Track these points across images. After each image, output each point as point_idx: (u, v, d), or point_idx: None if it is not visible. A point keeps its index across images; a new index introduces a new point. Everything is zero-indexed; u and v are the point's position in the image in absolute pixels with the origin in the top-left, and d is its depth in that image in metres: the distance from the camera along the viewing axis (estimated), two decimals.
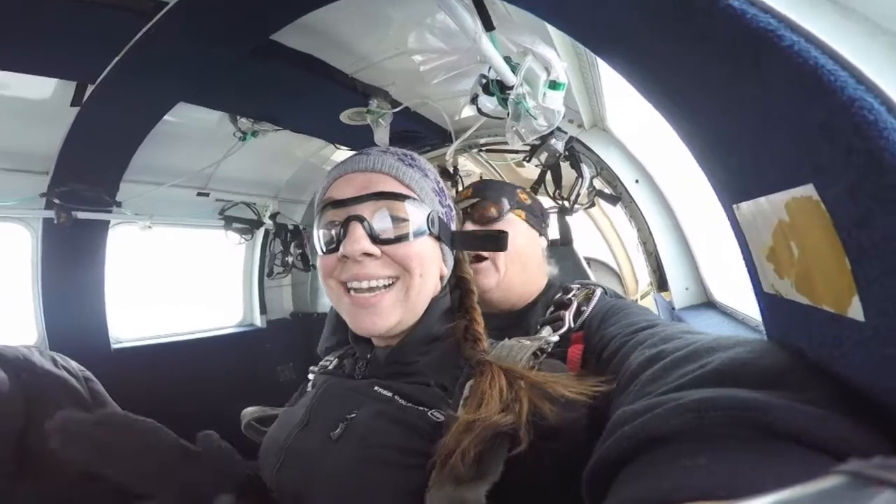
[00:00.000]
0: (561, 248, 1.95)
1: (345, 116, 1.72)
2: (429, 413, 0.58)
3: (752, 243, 0.47)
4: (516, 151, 2.04)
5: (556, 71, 1.08)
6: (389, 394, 0.62)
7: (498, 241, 0.72)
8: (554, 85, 1.12)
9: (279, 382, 2.49)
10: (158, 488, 0.61)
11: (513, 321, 0.99)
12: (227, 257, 2.58)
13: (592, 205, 1.96)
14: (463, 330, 0.68)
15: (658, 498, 0.30)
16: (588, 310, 0.87)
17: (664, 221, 1.64)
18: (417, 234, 0.65)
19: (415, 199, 0.66)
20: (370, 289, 0.64)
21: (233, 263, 2.59)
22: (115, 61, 1.18)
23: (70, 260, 1.80)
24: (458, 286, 0.74)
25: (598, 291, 0.93)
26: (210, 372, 2.22)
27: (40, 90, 1.38)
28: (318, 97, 1.57)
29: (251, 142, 1.88)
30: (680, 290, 1.60)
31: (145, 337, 2.18)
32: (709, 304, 1.55)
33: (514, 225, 1.00)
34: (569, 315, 0.87)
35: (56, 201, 1.66)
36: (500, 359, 0.62)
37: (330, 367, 0.78)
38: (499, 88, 1.23)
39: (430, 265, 0.66)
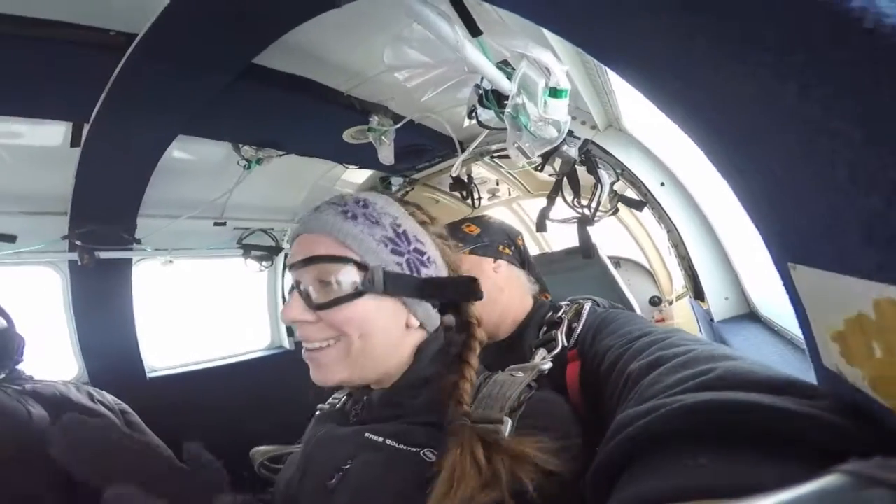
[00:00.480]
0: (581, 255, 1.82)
1: (347, 136, 1.68)
2: (421, 453, 0.57)
3: (814, 317, 0.40)
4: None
5: (555, 76, 0.97)
6: (380, 439, 0.61)
7: (468, 289, 0.68)
8: (555, 92, 1.02)
9: (310, 402, 2.46)
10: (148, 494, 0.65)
11: (507, 348, 0.96)
12: (251, 283, 2.61)
13: (616, 211, 1.82)
14: (451, 386, 0.63)
15: (658, 497, 0.30)
16: (580, 326, 0.86)
17: (696, 227, 1.49)
18: (353, 295, 0.62)
19: (350, 259, 0.62)
20: (313, 349, 0.65)
21: (257, 288, 2.62)
22: (101, 98, 1.18)
23: (99, 298, 1.86)
24: (464, 329, 0.71)
25: (588, 305, 0.91)
26: (243, 394, 2.24)
27: (51, 135, 1.43)
28: (316, 118, 1.54)
29: (260, 168, 1.88)
30: (718, 300, 1.45)
31: (179, 365, 2.23)
32: (752, 315, 1.38)
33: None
34: (560, 334, 0.85)
35: (77, 243, 1.70)
36: (491, 398, 0.60)
37: (337, 406, 0.79)
38: (495, 99, 1.15)
39: (372, 325, 0.63)
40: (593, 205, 1.66)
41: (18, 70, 1.04)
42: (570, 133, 1.49)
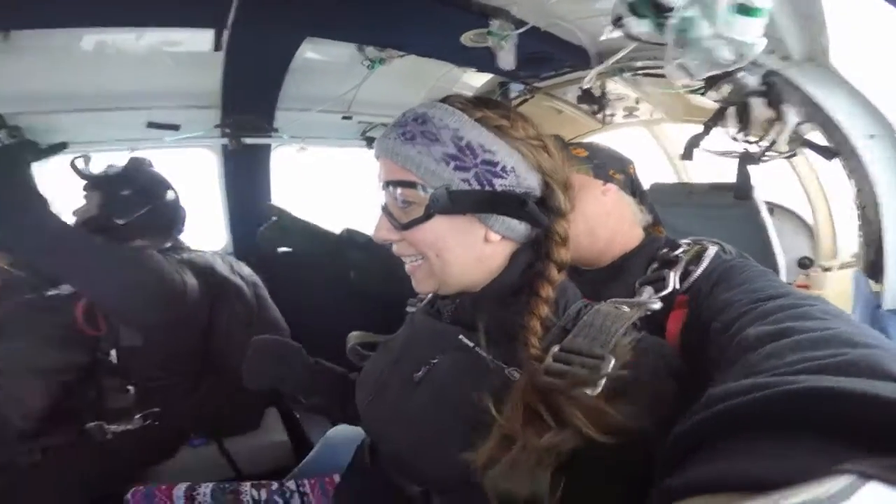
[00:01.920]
0: (732, 193, 1.55)
1: (466, 39, 1.57)
2: (507, 371, 0.59)
3: None
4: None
5: None
6: (472, 344, 0.64)
7: (518, 211, 0.64)
8: (745, 9, 0.78)
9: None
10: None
11: (608, 276, 0.91)
12: (370, 172, 2.76)
13: (793, 154, 1.46)
14: (523, 320, 0.63)
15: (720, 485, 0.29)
16: (698, 270, 0.77)
17: None
18: (423, 218, 0.63)
19: (414, 182, 0.63)
20: (407, 263, 0.69)
21: (374, 178, 2.77)
22: (234, 6, 1.25)
23: (245, 179, 2.17)
24: (543, 249, 0.68)
25: (713, 249, 0.81)
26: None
27: (202, 41, 1.57)
28: (434, 21, 1.46)
29: (383, 68, 1.88)
30: None
31: None
32: None
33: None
34: (674, 275, 0.77)
35: (227, 130, 1.95)
36: (594, 328, 0.57)
37: (424, 304, 0.82)
38: (653, 9, 0.92)
39: (445, 244, 0.65)
40: (763, 143, 1.34)
41: None
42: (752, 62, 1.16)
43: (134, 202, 1.44)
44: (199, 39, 1.55)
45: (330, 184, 2.79)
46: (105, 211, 1.41)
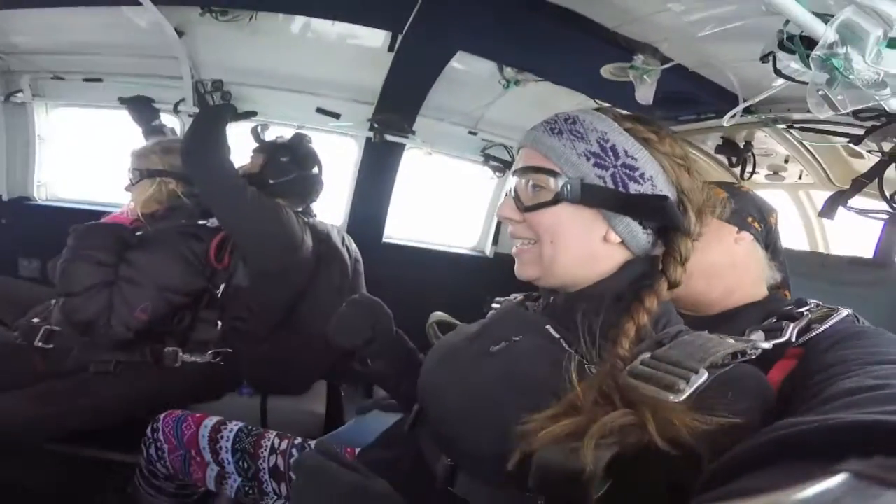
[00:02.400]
0: (873, 271, 1.35)
1: (606, 71, 1.61)
2: (587, 366, 0.60)
3: None
4: (845, 135, 1.42)
5: None
6: (558, 335, 0.66)
7: (653, 210, 0.64)
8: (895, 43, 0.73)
9: (482, 311, 2.75)
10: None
11: (714, 323, 0.85)
12: (481, 188, 2.89)
13: None
14: (618, 321, 0.63)
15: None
16: (822, 327, 0.70)
17: None
18: (549, 203, 0.66)
19: (550, 169, 0.66)
20: (518, 246, 0.72)
21: (484, 195, 2.89)
22: (413, 13, 1.45)
23: (376, 170, 2.43)
24: (661, 263, 0.68)
25: (845, 312, 0.74)
26: (437, 279, 2.65)
27: (373, 39, 1.84)
28: (577, 51, 1.52)
29: (515, 91, 2.01)
30: None
31: (405, 239, 2.76)
32: None
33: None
34: (793, 326, 0.71)
35: (375, 126, 2.23)
36: (693, 346, 0.55)
37: (515, 301, 0.87)
38: (803, 44, 0.90)
39: (563, 231, 0.67)
40: None
41: None
42: None
43: (287, 168, 1.68)
44: (373, 37, 1.83)
45: (444, 190, 2.97)
46: (263, 170, 1.67)
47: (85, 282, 1.28)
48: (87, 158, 2.31)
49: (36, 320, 1.42)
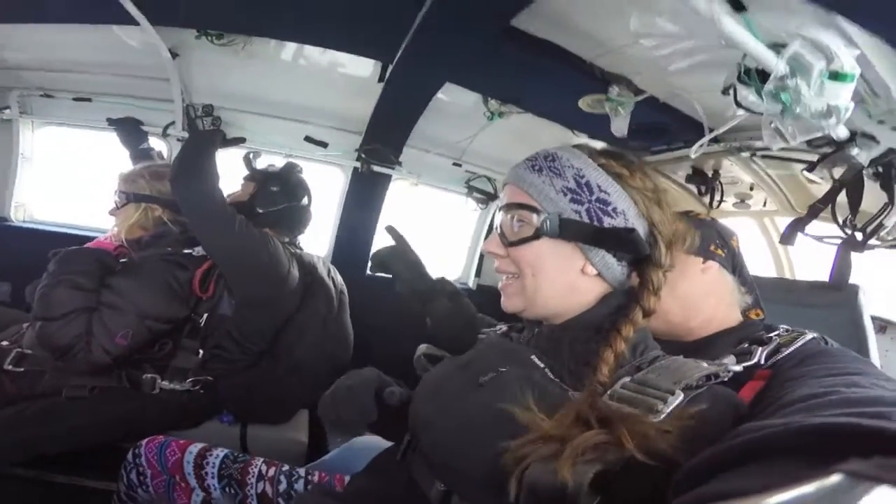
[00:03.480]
0: (832, 294, 1.42)
1: (583, 103, 1.70)
2: (570, 393, 0.63)
3: None
4: (802, 161, 1.54)
5: (839, 60, 0.80)
6: (542, 364, 0.69)
7: (622, 242, 0.68)
8: (837, 76, 0.83)
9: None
10: None
11: (692, 348, 0.89)
12: (464, 220, 2.95)
13: None
14: (598, 350, 0.67)
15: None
16: (789, 350, 0.76)
17: None
18: (529, 238, 0.71)
19: (530, 206, 0.71)
20: (503, 280, 0.77)
21: (467, 227, 2.95)
22: (404, 44, 1.52)
23: (362, 201, 2.44)
24: (635, 294, 0.72)
25: (810, 336, 0.80)
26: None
27: (363, 69, 1.91)
28: (556, 82, 1.61)
29: (499, 122, 2.10)
30: None
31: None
32: None
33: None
34: (761, 350, 0.75)
35: (363, 156, 2.28)
36: (668, 370, 0.59)
37: (499, 332, 0.90)
38: (758, 77, 1.00)
39: (543, 265, 0.71)
40: (870, 228, 1.26)
41: (342, 9, 1.40)
42: (867, 136, 1.16)
43: (277, 198, 1.70)
44: (361, 66, 1.90)
45: (427, 220, 3.02)
46: (253, 199, 1.68)
47: (64, 307, 1.26)
48: (71, 180, 2.28)
49: (5, 343, 1.37)
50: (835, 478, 0.20)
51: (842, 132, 1.14)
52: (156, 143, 2.02)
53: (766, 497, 0.21)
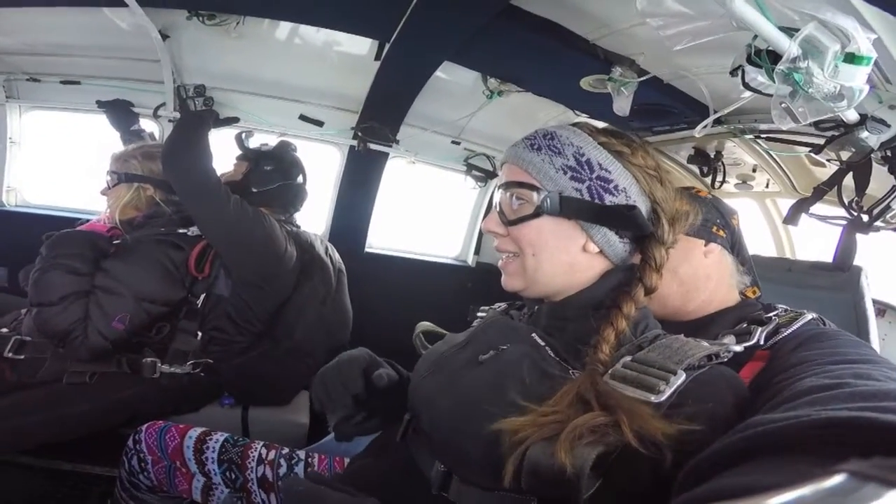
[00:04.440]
0: (834, 275, 1.42)
1: (585, 83, 1.66)
2: (571, 371, 0.62)
3: None
4: (807, 144, 1.51)
5: (855, 42, 0.76)
6: (543, 343, 0.68)
7: (625, 220, 0.67)
8: (852, 58, 0.80)
9: (466, 320, 2.76)
10: None
11: (692, 328, 0.88)
12: (463, 197, 2.92)
13: None
14: (599, 327, 0.66)
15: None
16: (788, 331, 0.75)
17: None
18: (529, 216, 0.70)
19: (530, 184, 0.70)
20: (502, 258, 0.75)
21: (466, 204, 2.93)
22: (402, 22, 1.47)
23: (359, 179, 2.43)
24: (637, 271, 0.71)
25: (810, 315, 0.80)
26: (420, 289, 2.65)
27: (359, 47, 1.86)
28: (558, 62, 1.57)
29: (498, 101, 2.06)
30: None
31: (387, 248, 2.77)
32: None
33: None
34: (761, 330, 0.75)
35: (359, 134, 2.24)
36: (670, 349, 0.59)
37: (499, 310, 0.89)
38: (769, 59, 0.96)
39: (544, 243, 0.70)
40: (876, 210, 1.25)
41: None
42: (878, 120, 1.13)
43: (271, 176, 1.68)
44: (357, 43, 1.84)
45: (427, 199, 3.00)
46: (247, 178, 1.66)
47: (60, 292, 1.25)
48: (62, 164, 2.24)
49: (4, 330, 1.36)
50: (842, 476, 0.20)
51: (852, 115, 1.12)
52: (147, 125, 1.98)
53: (772, 495, 0.20)
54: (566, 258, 0.70)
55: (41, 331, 1.27)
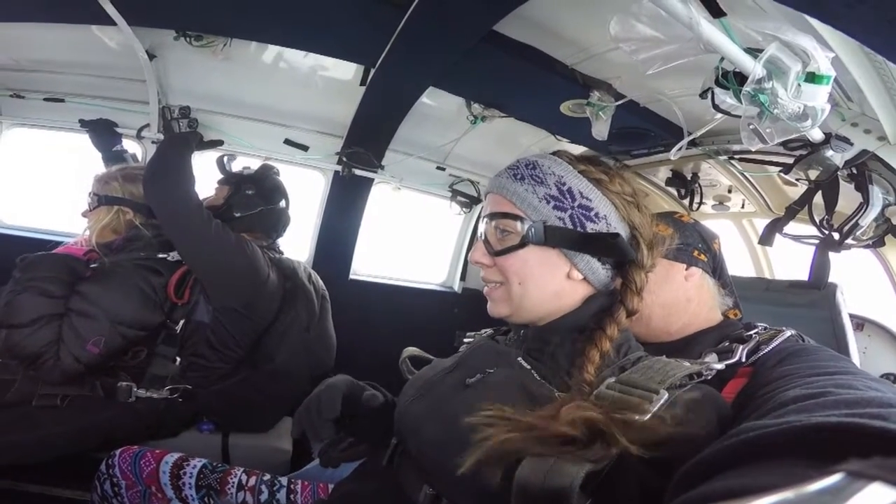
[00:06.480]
0: (810, 293, 1.45)
1: (565, 108, 1.72)
2: (556, 393, 0.64)
3: None
4: (778, 164, 1.58)
5: (816, 62, 0.81)
6: (528, 366, 0.70)
7: (608, 247, 0.69)
8: (814, 77, 0.85)
9: (453, 346, 2.71)
10: None
11: (674, 348, 0.91)
12: (448, 223, 2.94)
13: (880, 243, 1.38)
14: (583, 349, 0.67)
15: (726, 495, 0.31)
16: (768, 347, 0.78)
17: None
18: (515, 247, 0.71)
19: (515, 215, 0.72)
20: (488, 287, 0.77)
21: (451, 230, 2.94)
22: (387, 48, 1.51)
23: (344, 204, 2.42)
24: (618, 295, 0.74)
25: (788, 333, 0.82)
26: (407, 313, 2.64)
27: (344, 72, 1.89)
28: (538, 87, 1.62)
29: (481, 126, 2.10)
30: None
31: (373, 275, 2.74)
32: None
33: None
34: (742, 348, 0.77)
35: (344, 159, 2.25)
36: (652, 370, 0.59)
37: (485, 335, 0.90)
38: (736, 80, 1.01)
39: (530, 272, 0.72)
40: (846, 228, 1.30)
41: (323, 12, 1.38)
42: (841, 138, 1.18)
43: (253, 201, 1.67)
44: (343, 69, 1.88)
45: (411, 224, 3.00)
46: (228, 203, 1.65)
47: (31, 314, 1.22)
48: (40, 183, 2.19)
49: None
50: (836, 477, 0.20)
51: (817, 134, 1.17)
52: (130, 146, 1.96)
53: (766, 496, 0.20)
54: (551, 286, 0.72)
55: (10, 353, 1.23)
